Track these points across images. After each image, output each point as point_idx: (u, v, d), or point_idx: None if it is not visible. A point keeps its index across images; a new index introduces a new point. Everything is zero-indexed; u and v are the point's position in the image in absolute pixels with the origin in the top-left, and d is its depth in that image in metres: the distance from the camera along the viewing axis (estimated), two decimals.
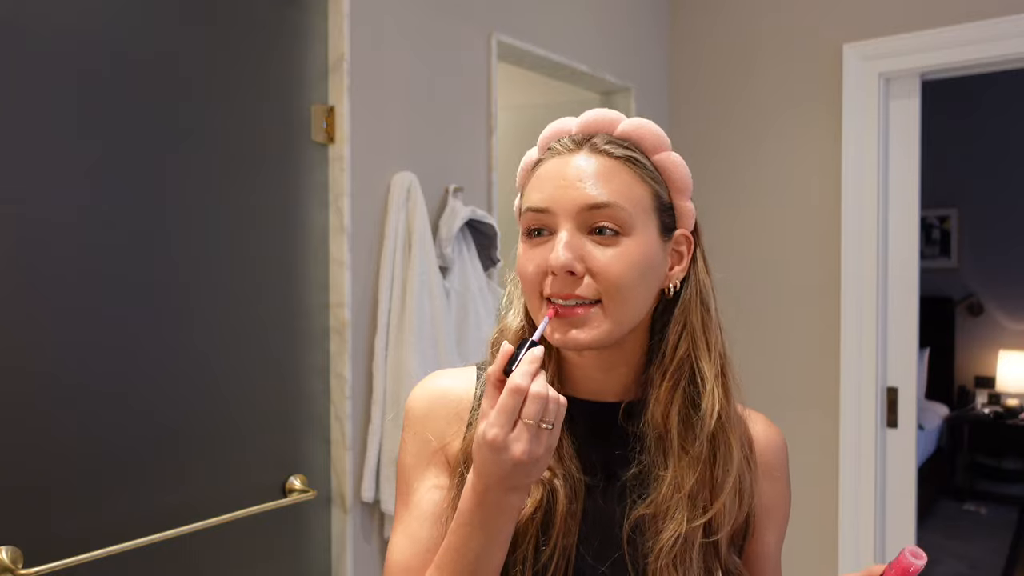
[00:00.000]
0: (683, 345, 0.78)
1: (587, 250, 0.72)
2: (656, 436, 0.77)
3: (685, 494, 0.74)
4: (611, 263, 0.72)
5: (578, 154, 0.75)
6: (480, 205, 1.96)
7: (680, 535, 0.73)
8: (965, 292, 5.50)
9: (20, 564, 1.13)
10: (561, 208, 0.73)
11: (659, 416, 0.77)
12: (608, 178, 0.73)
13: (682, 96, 2.74)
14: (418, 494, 0.81)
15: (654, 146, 0.77)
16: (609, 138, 0.76)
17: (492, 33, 1.98)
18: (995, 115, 5.22)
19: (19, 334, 1.16)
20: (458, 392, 0.84)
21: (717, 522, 0.76)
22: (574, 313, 0.72)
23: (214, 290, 1.42)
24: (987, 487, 5.20)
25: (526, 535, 0.75)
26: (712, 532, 0.76)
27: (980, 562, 4.12)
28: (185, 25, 1.37)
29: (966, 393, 5.54)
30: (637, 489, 0.77)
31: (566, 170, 0.74)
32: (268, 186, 1.51)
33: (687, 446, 0.76)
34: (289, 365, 1.55)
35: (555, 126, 0.79)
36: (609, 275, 0.72)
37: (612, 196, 0.72)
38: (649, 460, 0.77)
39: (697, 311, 0.79)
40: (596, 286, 0.72)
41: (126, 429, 1.29)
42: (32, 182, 1.17)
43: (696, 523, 0.74)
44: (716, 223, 2.61)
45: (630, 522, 0.76)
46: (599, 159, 0.74)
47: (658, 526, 0.74)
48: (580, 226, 0.73)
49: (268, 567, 1.52)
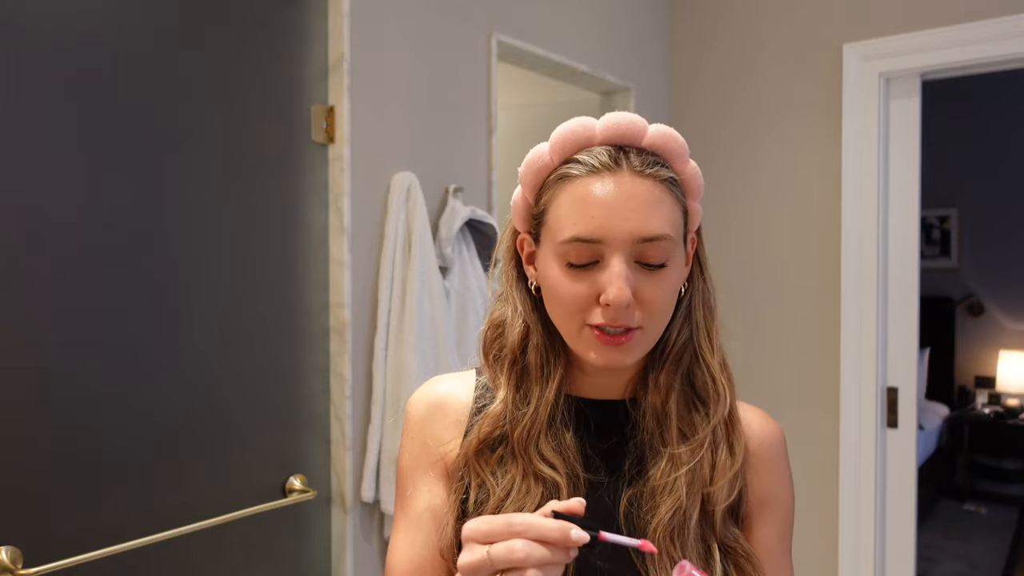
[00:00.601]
0: (683, 334, 0.79)
1: (639, 282, 0.72)
2: (655, 418, 0.78)
3: (685, 470, 0.75)
4: (659, 294, 0.73)
5: (622, 176, 0.72)
6: (480, 205, 1.96)
7: (678, 508, 0.74)
8: (965, 292, 5.50)
9: (20, 564, 1.13)
10: (614, 240, 0.70)
11: (658, 400, 0.79)
12: (658, 207, 0.72)
13: (682, 96, 2.74)
14: (414, 499, 0.81)
15: (681, 157, 0.76)
16: (646, 155, 0.74)
17: (492, 33, 1.98)
18: (995, 115, 5.22)
19: (19, 333, 1.16)
20: (457, 398, 0.84)
21: (714, 499, 0.76)
22: (620, 341, 0.73)
23: (214, 290, 1.42)
24: (987, 487, 5.20)
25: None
26: (711, 506, 0.76)
27: (980, 562, 4.12)
28: (185, 25, 1.37)
29: (966, 393, 5.54)
30: (635, 468, 0.78)
31: (616, 197, 0.71)
32: (268, 186, 1.51)
33: (686, 428, 0.78)
34: (289, 365, 1.55)
35: (575, 130, 0.74)
36: (657, 303, 0.73)
37: (665, 228, 0.71)
38: (647, 439, 0.78)
39: (700, 306, 0.81)
40: (643, 314, 0.73)
41: (126, 429, 1.29)
42: (32, 182, 1.17)
43: (695, 496, 0.75)
44: (716, 223, 2.61)
45: (626, 497, 0.76)
46: (645, 185, 0.72)
47: (655, 501, 0.75)
48: (630, 257, 0.72)
49: (268, 567, 1.52)
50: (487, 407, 0.81)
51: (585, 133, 0.74)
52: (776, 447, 0.84)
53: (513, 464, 0.77)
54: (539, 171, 0.76)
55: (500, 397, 0.80)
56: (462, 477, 0.79)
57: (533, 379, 0.80)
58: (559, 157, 0.75)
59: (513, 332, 0.81)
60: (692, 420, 0.78)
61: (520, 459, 0.77)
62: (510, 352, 0.81)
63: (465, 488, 0.79)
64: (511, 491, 0.76)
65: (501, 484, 0.77)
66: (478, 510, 0.77)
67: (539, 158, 0.76)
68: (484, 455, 0.79)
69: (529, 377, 0.80)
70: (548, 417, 0.78)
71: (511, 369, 0.81)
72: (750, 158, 2.58)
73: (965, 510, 4.94)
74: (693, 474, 0.75)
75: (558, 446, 0.78)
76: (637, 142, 0.74)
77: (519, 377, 0.81)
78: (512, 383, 0.80)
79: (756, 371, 2.52)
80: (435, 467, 0.82)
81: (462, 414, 0.82)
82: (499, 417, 0.79)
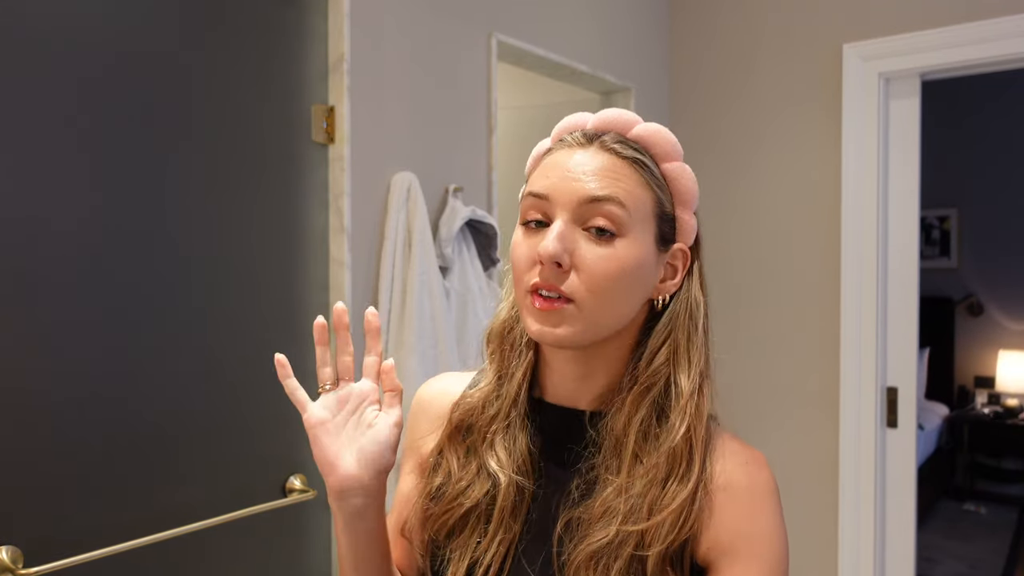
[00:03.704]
0: (662, 356, 0.75)
1: (578, 244, 0.71)
2: (613, 442, 0.75)
3: (623, 503, 0.71)
4: (598, 262, 0.71)
5: (587, 149, 0.74)
6: (480, 205, 1.96)
7: (607, 542, 0.70)
8: (965, 292, 5.50)
9: (20, 564, 1.13)
10: (560, 197, 0.72)
11: (621, 422, 0.74)
12: (612, 176, 0.72)
13: (682, 96, 2.74)
14: (398, 484, 0.90)
15: (666, 153, 0.76)
16: (621, 138, 0.75)
17: (492, 33, 1.98)
18: (995, 115, 5.22)
19: (19, 334, 1.16)
20: (447, 394, 0.87)
21: (650, 539, 0.70)
22: (551, 307, 0.71)
23: (214, 290, 1.42)
24: (987, 487, 5.20)
25: (469, 524, 0.77)
26: (643, 547, 0.70)
27: (980, 562, 4.12)
28: (185, 25, 1.37)
29: (966, 393, 5.54)
30: (582, 492, 0.75)
31: (571, 162, 0.74)
32: (268, 186, 1.51)
33: (642, 456, 0.73)
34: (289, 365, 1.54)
35: (571, 119, 0.79)
36: (594, 273, 0.71)
37: (613, 191, 0.71)
38: (602, 465, 0.75)
39: (684, 326, 0.76)
40: (579, 283, 0.71)
41: (126, 429, 1.29)
42: (32, 182, 1.17)
43: (629, 533, 0.70)
44: (716, 223, 2.61)
45: (563, 522, 0.74)
46: (606, 156, 0.74)
47: (589, 529, 0.72)
48: (576, 219, 0.72)
49: (268, 567, 1.52)
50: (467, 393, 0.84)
51: (579, 122, 0.78)
52: (757, 492, 0.74)
53: (474, 455, 0.80)
54: (535, 157, 0.80)
55: (480, 386, 0.83)
56: (437, 463, 0.83)
57: (507, 367, 0.82)
58: (551, 143, 0.80)
59: (498, 320, 0.84)
60: (649, 449, 0.73)
61: (478, 451, 0.80)
62: (494, 337, 0.84)
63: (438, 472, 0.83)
64: (463, 481, 0.79)
65: (458, 472, 0.80)
66: (438, 493, 0.80)
67: (540, 147, 0.81)
68: (455, 440, 0.82)
69: (506, 365, 0.82)
70: (508, 413, 0.79)
71: (494, 357, 0.83)
72: (750, 158, 2.58)
73: (965, 510, 4.94)
74: (632, 506, 0.71)
75: (512, 445, 0.79)
76: (624, 132, 0.76)
77: (499, 365, 0.83)
78: (495, 375, 0.83)
79: (756, 371, 2.52)
80: (413, 457, 0.88)
81: (447, 409, 0.85)
82: (473, 405, 0.82)
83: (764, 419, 2.51)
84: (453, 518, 0.78)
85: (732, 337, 2.53)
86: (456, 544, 0.78)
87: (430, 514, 0.80)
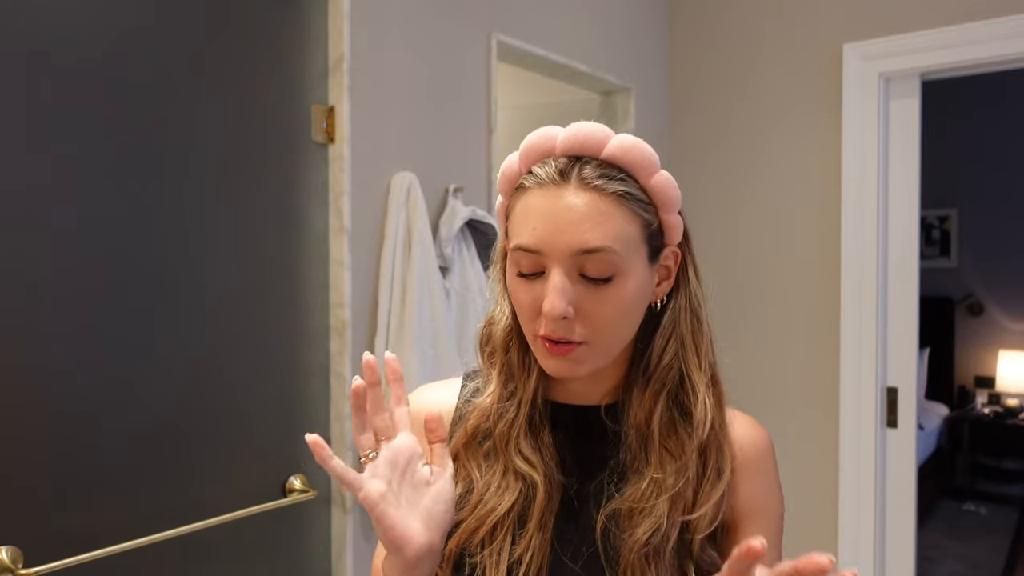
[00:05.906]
0: (670, 352, 0.78)
1: (579, 295, 0.72)
2: (639, 436, 0.78)
3: (667, 495, 0.74)
4: (602, 307, 0.72)
5: (567, 189, 0.71)
6: (480, 205, 1.96)
7: (657, 530, 0.73)
8: (965, 292, 5.50)
9: (20, 564, 1.13)
10: (552, 252, 0.71)
11: (642, 418, 0.78)
12: (601, 220, 0.70)
13: (682, 96, 2.74)
14: None
15: (646, 170, 0.73)
16: (598, 166, 0.72)
17: (492, 33, 1.98)
18: (995, 116, 5.22)
19: (19, 333, 1.16)
20: (438, 405, 0.86)
21: (694, 526, 0.75)
22: (562, 351, 0.73)
23: (214, 290, 1.42)
24: (987, 487, 5.20)
25: (502, 528, 0.76)
26: (690, 533, 0.76)
27: (980, 562, 4.12)
28: (185, 25, 1.37)
29: (966, 393, 5.54)
30: (615, 485, 0.78)
31: (556, 209, 0.71)
32: (268, 186, 1.51)
33: (671, 448, 0.77)
34: (289, 365, 1.55)
35: (538, 139, 0.75)
36: (600, 317, 0.72)
37: (606, 241, 0.70)
38: (629, 458, 0.78)
39: (687, 321, 0.79)
40: (587, 328, 0.72)
41: (126, 429, 1.29)
42: (32, 182, 1.17)
43: (675, 521, 0.74)
44: (716, 223, 2.62)
45: (604, 514, 0.76)
46: (589, 196, 0.70)
47: (634, 521, 0.74)
48: (571, 269, 0.71)
49: (268, 567, 1.52)
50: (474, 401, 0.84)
51: (546, 144, 0.75)
52: (763, 455, 0.83)
53: (496, 459, 0.79)
54: (510, 179, 0.78)
55: (489, 391, 0.83)
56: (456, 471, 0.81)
57: (516, 377, 0.82)
58: (524, 166, 0.76)
59: (498, 329, 0.84)
60: (677, 441, 0.77)
61: (501, 454, 0.79)
62: (497, 348, 0.84)
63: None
64: (491, 486, 0.78)
65: (483, 479, 0.79)
66: (459, 503, 0.78)
67: (510, 166, 0.78)
68: (472, 448, 0.81)
69: (514, 375, 0.82)
70: (527, 416, 0.80)
71: (499, 365, 0.83)
72: (750, 158, 2.58)
73: (965, 510, 4.94)
74: (674, 500, 0.75)
75: (537, 444, 0.79)
76: (596, 153, 0.73)
77: (507, 374, 0.82)
78: (501, 379, 0.83)
79: (756, 371, 2.52)
80: None
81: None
82: (487, 410, 0.81)
83: (764, 419, 2.49)
84: (487, 525, 0.76)
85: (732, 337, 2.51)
86: (492, 550, 0.76)
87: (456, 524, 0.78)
